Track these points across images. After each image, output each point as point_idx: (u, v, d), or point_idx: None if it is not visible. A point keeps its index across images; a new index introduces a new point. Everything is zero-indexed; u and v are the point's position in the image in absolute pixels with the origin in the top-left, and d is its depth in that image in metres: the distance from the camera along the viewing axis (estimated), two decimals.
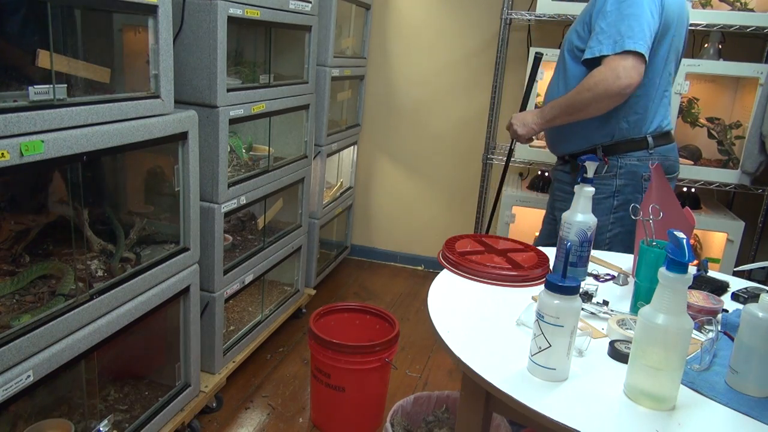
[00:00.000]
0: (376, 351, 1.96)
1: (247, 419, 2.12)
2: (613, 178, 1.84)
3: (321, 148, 2.87)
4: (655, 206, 1.29)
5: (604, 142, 1.83)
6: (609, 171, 1.83)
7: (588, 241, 1.37)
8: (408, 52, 3.40)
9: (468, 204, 3.47)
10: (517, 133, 1.94)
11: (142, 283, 1.60)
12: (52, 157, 1.25)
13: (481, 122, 3.26)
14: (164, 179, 1.82)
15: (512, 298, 1.30)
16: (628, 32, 1.64)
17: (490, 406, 1.10)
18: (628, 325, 1.17)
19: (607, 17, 1.68)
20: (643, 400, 0.94)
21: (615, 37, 1.65)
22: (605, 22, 1.69)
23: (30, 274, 1.47)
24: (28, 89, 1.22)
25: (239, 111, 2.04)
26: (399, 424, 1.85)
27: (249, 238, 2.50)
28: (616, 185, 1.84)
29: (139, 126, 1.51)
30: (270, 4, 2.12)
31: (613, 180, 1.84)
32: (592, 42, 1.71)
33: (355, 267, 3.65)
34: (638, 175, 1.82)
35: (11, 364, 1.22)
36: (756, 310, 0.98)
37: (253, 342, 2.40)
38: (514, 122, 1.94)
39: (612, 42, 1.66)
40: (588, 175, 1.35)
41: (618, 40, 1.65)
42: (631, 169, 1.82)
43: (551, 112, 1.83)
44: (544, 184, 2.97)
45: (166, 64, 1.60)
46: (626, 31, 1.64)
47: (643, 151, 1.82)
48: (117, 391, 1.85)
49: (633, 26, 1.64)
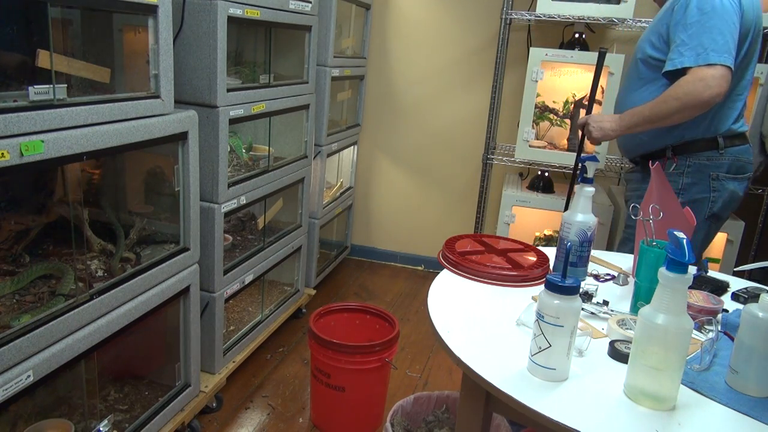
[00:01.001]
0: (376, 351, 1.96)
1: (247, 419, 2.12)
2: (680, 176, 1.86)
3: (321, 148, 2.87)
4: (655, 206, 1.29)
5: (675, 142, 1.85)
6: (677, 169, 1.86)
7: (588, 241, 1.37)
8: (408, 52, 3.40)
9: (468, 204, 3.47)
10: (591, 135, 1.93)
11: (142, 283, 1.60)
12: (52, 157, 1.25)
13: (481, 122, 3.26)
14: (164, 179, 1.82)
15: (512, 298, 1.30)
16: (711, 45, 1.65)
17: (490, 406, 1.10)
18: (628, 325, 1.17)
19: (689, 29, 1.69)
20: (643, 400, 0.94)
21: (698, 49, 1.66)
22: (686, 34, 1.69)
23: (30, 274, 1.47)
24: (28, 89, 1.22)
25: (239, 111, 2.04)
26: (399, 424, 1.85)
27: (249, 238, 2.50)
28: (682, 183, 1.86)
29: (139, 126, 1.51)
30: (270, 4, 2.12)
31: (680, 178, 1.86)
32: (674, 54, 1.72)
33: (355, 267, 3.65)
34: (706, 174, 1.84)
35: (11, 364, 1.22)
36: (756, 310, 0.98)
37: (253, 342, 2.40)
38: (592, 125, 1.92)
39: (695, 54, 1.67)
40: (588, 175, 1.35)
41: (701, 52, 1.66)
42: (700, 168, 1.85)
43: (632, 120, 1.82)
44: (544, 184, 2.97)
45: (166, 64, 1.60)
46: (710, 44, 1.65)
47: (713, 151, 1.84)
48: (117, 391, 1.85)
49: (717, 39, 1.65)
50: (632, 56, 1.98)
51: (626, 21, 2.64)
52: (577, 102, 2.78)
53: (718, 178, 1.84)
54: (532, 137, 2.79)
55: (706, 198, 1.85)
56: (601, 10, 2.64)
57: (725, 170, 1.84)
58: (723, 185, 1.85)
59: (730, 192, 1.86)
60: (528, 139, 2.77)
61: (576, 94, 2.79)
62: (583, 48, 2.85)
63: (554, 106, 2.84)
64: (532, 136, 2.78)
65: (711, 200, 1.86)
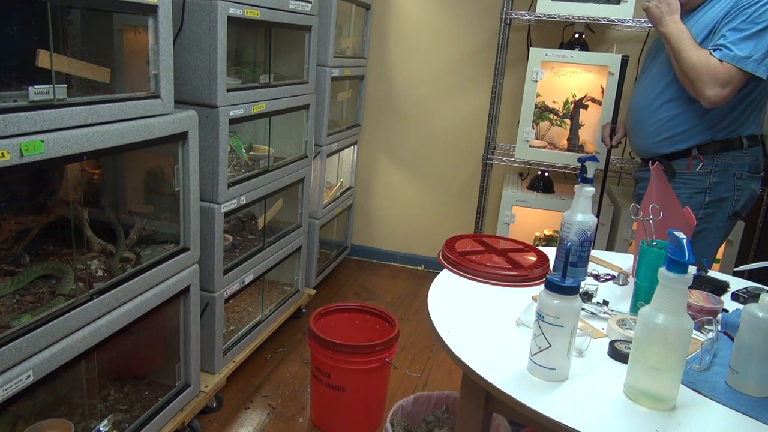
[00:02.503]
0: (376, 351, 1.96)
1: (247, 419, 2.12)
2: (708, 175, 1.89)
3: (321, 148, 2.87)
4: (655, 206, 1.29)
5: (703, 141, 1.88)
6: (704, 168, 1.89)
7: (588, 241, 1.37)
8: (408, 52, 3.40)
9: (468, 204, 3.47)
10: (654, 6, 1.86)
11: (142, 283, 1.60)
12: (52, 157, 1.25)
13: (481, 122, 3.26)
14: (164, 179, 1.82)
15: (512, 298, 1.30)
16: (755, 53, 1.70)
17: (490, 406, 1.10)
18: (628, 325, 1.17)
19: (741, 32, 1.72)
20: (643, 400, 0.94)
21: (750, 51, 1.70)
22: (737, 36, 1.72)
23: (30, 274, 1.47)
24: (28, 89, 1.22)
25: (239, 111, 2.04)
26: (399, 424, 1.85)
27: (249, 238, 2.50)
28: (710, 182, 1.89)
29: (139, 126, 1.51)
30: (270, 4, 2.12)
31: (707, 177, 1.89)
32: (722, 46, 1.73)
33: (355, 267, 3.65)
34: (731, 173, 1.88)
35: (11, 364, 1.22)
36: (756, 310, 0.98)
37: (253, 342, 2.40)
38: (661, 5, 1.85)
39: (739, 58, 1.70)
40: (588, 175, 1.35)
41: (746, 57, 1.70)
42: (725, 167, 1.88)
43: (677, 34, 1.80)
44: (544, 184, 2.97)
45: (166, 64, 1.60)
46: (754, 52, 1.70)
47: (737, 151, 1.88)
48: (117, 391, 1.85)
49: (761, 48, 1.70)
50: (653, 55, 1.99)
51: (626, 21, 2.64)
52: (577, 102, 2.77)
53: (742, 177, 1.89)
54: (532, 137, 2.78)
55: (731, 196, 1.89)
56: (601, 10, 2.64)
57: (747, 169, 1.89)
58: (746, 184, 1.90)
59: (751, 191, 1.91)
60: (528, 139, 2.77)
61: (576, 94, 2.79)
62: (583, 48, 2.85)
63: (554, 106, 2.84)
64: (532, 136, 2.78)
65: (734, 198, 1.90)
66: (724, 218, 1.92)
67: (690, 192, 1.90)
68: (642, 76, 2.09)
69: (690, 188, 1.90)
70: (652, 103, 1.95)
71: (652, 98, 1.95)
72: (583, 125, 2.81)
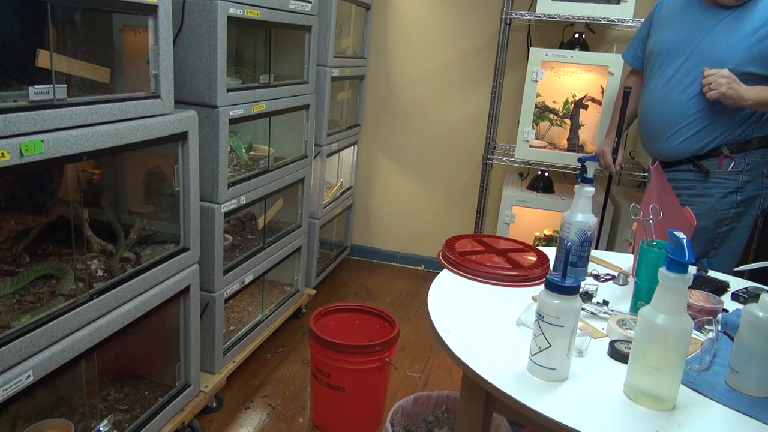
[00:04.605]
0: (376, 351, 1.96)
1: (247, 419, 2.12)
2: (740, 174, 1.89)
3: (321, 148, 2.87)
4: (655, 206, 1.29)
5: (736, 139, 1.88)
6: (736, 167, 1.89)
7: (588, 241, 1.37)
8: (408, 52, 3.40)
9: (468, 204, 3.47)
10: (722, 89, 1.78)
11: (142, 283, 1.60)
12: (52, 157, 1.25)
13: (481, 122, 3.26)
14: (164, 179, 1.82)
15: (512, 298, 1.30)
16: None
17: (490, 406, 1.10)
18: (628, 325, 1.17)
19: None
20: (643, 400, 0.94)
21: None
22: None
23: (30, 274, 1.47)
24: (28, 89, 1.22)
25: (239, 111, 2.04)
26: (399, 424, 1.85)
27: (249, 238, 2.50)
28: (742, 181, 1.89)
29: (139, 126, 1.51)
30: (270, 4, 2.12)
31: (739, 176, 1.89)
32: None
33: (355, 267, 3.65)
34: (760, 171, 1.89)
35: (11, 364, 1.22)
36: (756, 310, 0.98)
37: (253, 342, 2.40)
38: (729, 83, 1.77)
39: None
40: (588, 175, 1.35)
41: None
42: (756, 166, 1.89)
43: (760, 95, 1.77)
44: (544, 184, 2.97)
45: (166, 64, 1.60)
46: None
47: (765, 149, 1.89)
48: (117, 391, 1.85)
49: None
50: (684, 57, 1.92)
51: (626, 21, 2.64)
52: (577, 102, 2.78)
53: None
54: (532, 137, 2.79)
55: (760, 195, 1.91)
56: (601, 10, 2.64)
57: None
58: None
59: None
60: (528, 139, 2.77)
61: (576, 94, 2.79)
62: (583, 48, 2.85)
63: (554, 106, 2.84)
64: (532, 136, 2.78)
65: (763, 197, 1.91)
66: (753, 217, 1.93)
67: (723, 192, 1.90)
68: (657, 79, 2.00)
69: (723, 188, 1.90)
70: (685, 104, 1.90)
71: (685, 101, 1.91)
72: (583, 125, 2.81)
